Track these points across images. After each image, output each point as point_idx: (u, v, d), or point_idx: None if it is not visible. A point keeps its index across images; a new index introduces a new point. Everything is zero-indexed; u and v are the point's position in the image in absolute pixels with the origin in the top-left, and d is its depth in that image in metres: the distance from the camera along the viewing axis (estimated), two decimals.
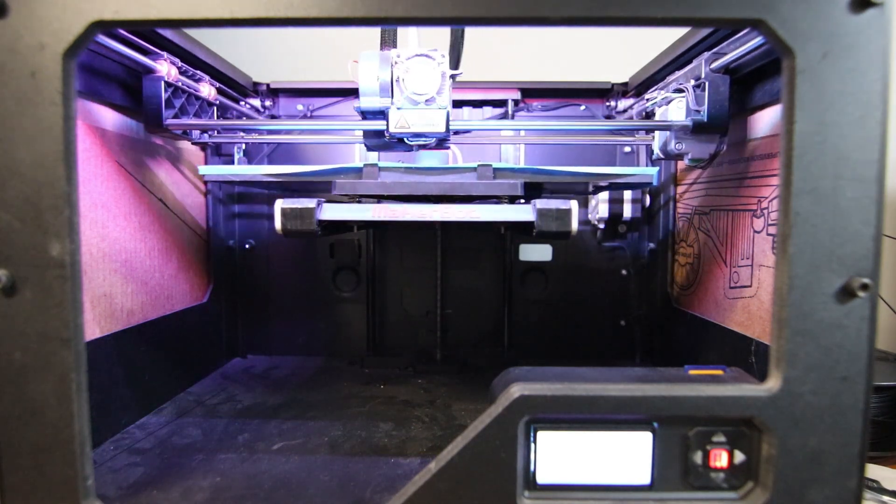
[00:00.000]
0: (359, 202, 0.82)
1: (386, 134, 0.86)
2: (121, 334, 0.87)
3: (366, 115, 0.87)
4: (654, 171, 0.86)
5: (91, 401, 0.47)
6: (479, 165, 0.83)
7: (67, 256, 0.45)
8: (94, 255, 0.82)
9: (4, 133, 0.44)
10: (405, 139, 0.88)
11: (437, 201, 0.81)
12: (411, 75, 0.82)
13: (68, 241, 0.44)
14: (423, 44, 0.86)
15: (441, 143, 0.92)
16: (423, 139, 0.88)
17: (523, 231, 0.92)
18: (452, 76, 0.85)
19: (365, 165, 0.83)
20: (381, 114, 0.85)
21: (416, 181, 0.82)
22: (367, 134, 0.93)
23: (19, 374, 0.45)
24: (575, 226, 0.76)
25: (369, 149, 0.98)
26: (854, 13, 0.44)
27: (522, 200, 0.84)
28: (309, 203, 0.77)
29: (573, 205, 0.76)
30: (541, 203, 0.76)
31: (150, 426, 0.89)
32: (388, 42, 0.89)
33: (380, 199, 0.91)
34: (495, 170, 0.82)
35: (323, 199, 0.79)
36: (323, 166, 0.85)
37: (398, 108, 0.83)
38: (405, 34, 0.90)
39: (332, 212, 0.78)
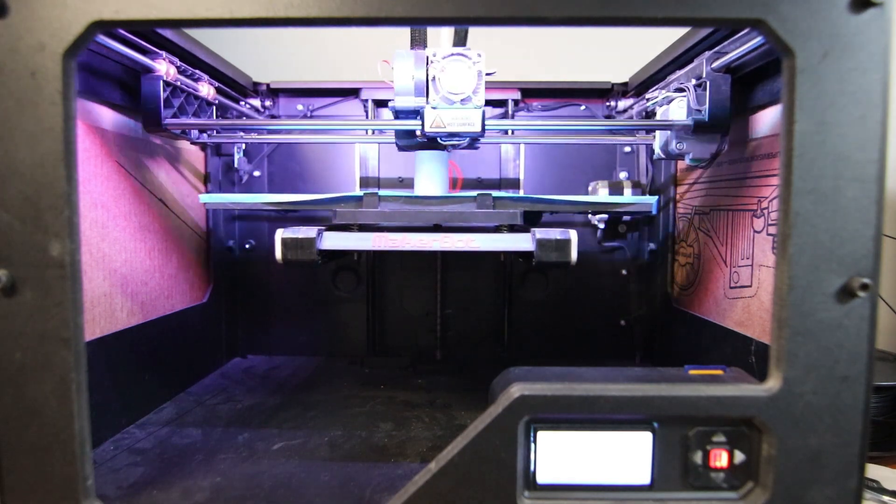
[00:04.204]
0: (359, 229, 0.82)
1: (419, 133, 0.85)
2: (121, 334, 0.87)
3: (399, 114, 0.87)
4: (653, 199, 0.86)
5: (91, 401, 0.47)
6: (478, 195, 0.83)
7: (67, 256, 0.45)
8: (94, 254, 0.82)
9: (4, 133, 0.44)
10: (439, 139, 0.87)
11: (437, 229, 0.81)
12: (447, 75, 0.81)
13: (68, 241, 0.44)
14: (431, 42, 0.86)
15: (473, 142, 0.92)
16: (458, 139, 0.87)
17: (523, 259, 0.92)
18: (487, 75, 0.84)
19: (365, 194, 0.83)
20: (415, 113, 0.85)
21: (416, 210, 0.82)
22: (399, 134, 0.93)
23: (19, 374, 0.45)
24: (574, 256, 0.76)
25: (400, 149, 0.97)
26: (854, 13, 0.44)
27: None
28: (309, 233, 0.77)
29: (573, 235, 0.76)
30: (540, 233, 0.76)
31: (151, 426, 0.89)
32: (419, 41, 0.88)
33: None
34: (495, 199, 0.82)
35: (323, 228, 0.79)
36: (323, 195, 0.85)
37: (433, 108, 0.82)
38: (437, 34, 0.90)
39: (332, 241, 0.78)
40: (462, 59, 0.82)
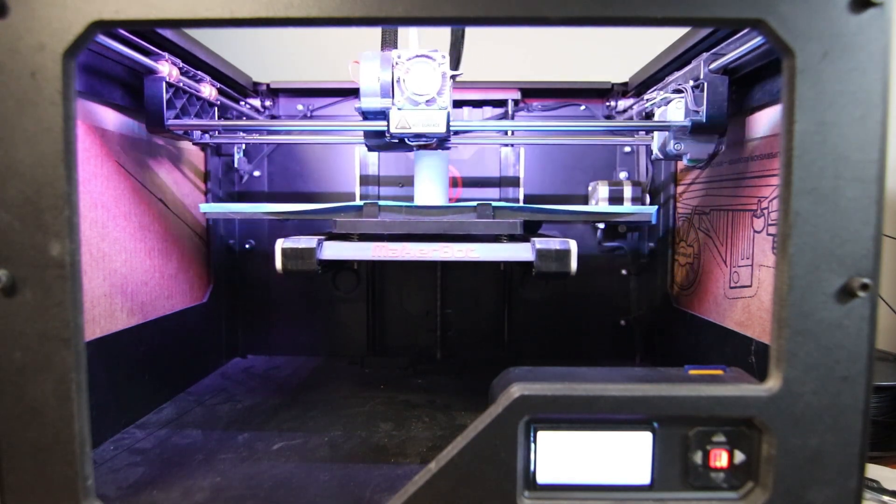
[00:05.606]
0: (359, 239, 0.82)
1: (387, 135, 0.86)
2: (121, 334, 0.87)
3: (366, 115, 0.87)
4: (653, 209, 0.86)
5: (91, 401, 0.47)
6: (478, 204, 0.83)
7: (67, 256, 0.45)
8: (94, 254, 0.82)
9: (4, 133, 0.44)
10: (406, 139, 0.88)
11: (437, 239, 0.81)
12: (412, 76, 0.82)
13: (68, 241, 0.44)
14: (424, 43, 0.86)
15: (441, 142, 0.92)
16: (424, 139, 0.88)
17: (523, 268, 0.92)
18: (453, 77, 0.85)
19: (365, 204, 0.83)
20: (382, 114, 0.85)
21: (416, 220, 0.82)
22: (368, 134, 0.94)
23: (19, 374, 0.45)
24: (574, 266, 0.76)
25: (370, 149, 0.98)
26: (854, 13, 0.44)
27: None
28: (309, 243, 0.77)
29: (572, 245, 0.76)
30: (540, 243, 0.76)
31: (150, 426, 0.89)
32: (389, 42, 0.89)
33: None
34: (494, 208, 0.83)
35: (323, 238, 0.79)
36: (323, 205, 0.85)
37: (399, 109, 0.83)
38: (406, 35, 0.90)
39: (332, 251, 0.79)
40: (427, 60, 0.83)
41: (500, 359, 1.28)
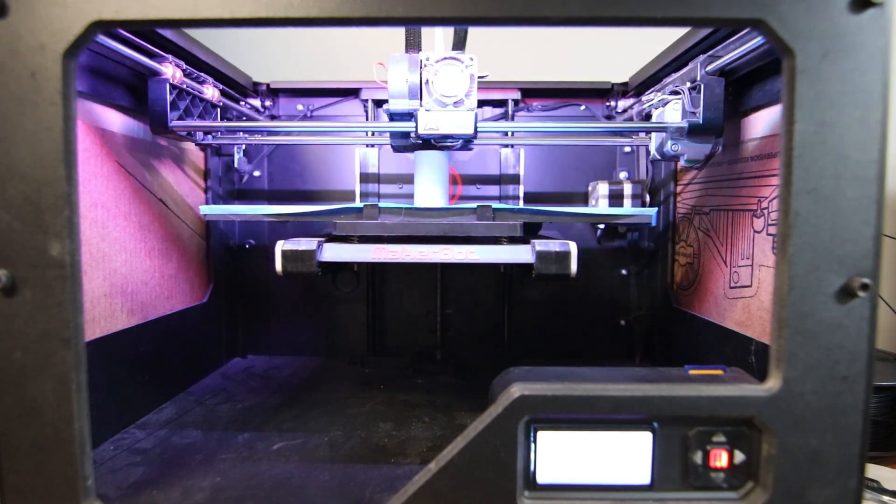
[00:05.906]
0: (359, 241, 0.82)
1: (413, 135, 0.87)
2: (121, 334, 0.87)
3: (393, 117, 0.88)
4: (652, 211, 0.87)
5: (91, 401, 0.47)
6: (478, 206, 0.83)
7: (67, 256, 0.45)
8: (94, 254, 0.82)
9: (4, 133, 0.44)
10: (432, 140, 0.89)
11: (437, 241, 0.81)
12: (440, 78, 0.83)
13: (68, 241, 0.44)
14: (430, 44, 0.87)
15: (466, 143, 0.93)
16: (451, 141, 0.89)
17: (523, 269, 0.92)
18: (480, 78, 0.86)
19: (365, 206, 0.83)
20: (409, 115, 0.87)
21: (416, 222, 0.82)
22: (394, 136, 0.95)
23: (19, 374, 0.45)
24: (574, 268, 0.76)
25: (395, 150, 0.99)
26: (854, 13, 0.44)
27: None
28: (309, 245, 0.77)
29: (572, 246, 0.76)
30: (540, 245, 0.76)
31: (150, 426, 0.89)
32: (413, 44, 0.90)
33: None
34: (494, 210, 0.83)
35: (323, 240, 0.80)
36: (323, 207, 0.85)
37: (427, 111, 0.84)
38: (431, 36, 0.92)
39: (332, 253, 0.79)
40: (455, 62, 0.83)
41: (500, 359, 1.28)
